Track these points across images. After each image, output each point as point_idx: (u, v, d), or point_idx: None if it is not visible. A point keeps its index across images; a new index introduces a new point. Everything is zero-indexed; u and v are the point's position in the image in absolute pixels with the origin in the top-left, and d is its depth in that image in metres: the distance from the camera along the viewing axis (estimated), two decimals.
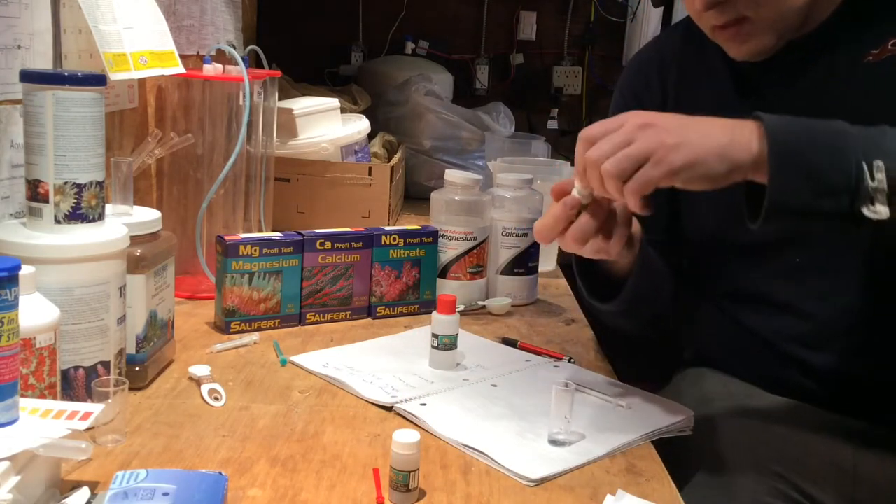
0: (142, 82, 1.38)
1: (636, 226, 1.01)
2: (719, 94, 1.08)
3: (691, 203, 1.14)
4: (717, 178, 0.82)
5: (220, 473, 0.74)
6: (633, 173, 0.82)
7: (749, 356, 1.09)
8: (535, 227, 0.93)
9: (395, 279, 1.30)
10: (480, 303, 1.37)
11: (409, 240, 1.30)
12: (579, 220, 0.91)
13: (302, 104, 1.71)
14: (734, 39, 1.01)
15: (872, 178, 0.78)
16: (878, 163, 0.78)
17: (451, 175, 1.39)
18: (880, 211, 0.78)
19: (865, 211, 0.79)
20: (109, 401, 0.83)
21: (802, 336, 1.03)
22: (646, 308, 1.12)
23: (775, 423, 1.02)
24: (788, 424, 1.01)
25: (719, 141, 0.82)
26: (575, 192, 0.90)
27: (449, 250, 1.36)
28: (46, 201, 0.85)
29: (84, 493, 0.72)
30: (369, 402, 0.98)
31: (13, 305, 0.70)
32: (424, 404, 0.97)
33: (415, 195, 2.10)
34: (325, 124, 1.74)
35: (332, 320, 1.26)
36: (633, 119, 0.85)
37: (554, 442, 0.89)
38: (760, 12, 0.97)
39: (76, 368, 0.86)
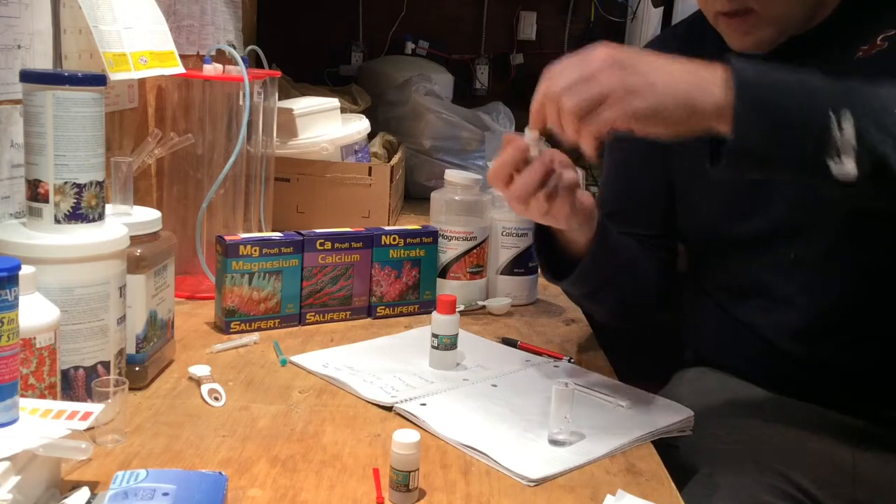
0: (142, 82, 1.38)
1: (588, 198, 1.00)
2: None
3: (688, 198, 1.14)
4: (676, 124, 0.80)
5: (220, 473, 0.74)
6: (590, 111, 0.79)
7: (748, 353, 1.09)
8: (490, 170, 0.94)
9: (395, 279, 1.30)
10: (480, 303, 1.37)
11: (409, 240, 1.30)
12: (522, 173, 0.91)
13: (302, 104, 1.71)
14: (737, 30, 1.00)
15: (840, 129, 0.76)
16: (846, 112, 0.77)
17: (451, 175, 1.39)
18: (847, 168, 0.76)
19: (831, 164, 0.77)
20: (109, 401, 0.83)
21: (800, 331, 1.03)
22: (609, 293, 1.12)
23: (775, 421, 1.02)
24: (788, 423, 1.01)
25: (684, 85, 0.79)
26: (526, 137, 0.90)
27: (449, 250, 1.36)
28: (46, 201, 0.85)
29: (84, 493, 0.72)
30: (369, 402, 0.98)
31: (13, 305, 0.70)
32: (424, 404, 0.97)
33: (415, 195, 2.09)
34: (325, 124, 1.74)
35: (332, 320, 1.26)
36: (599, 54, 0.81)
37: (554, 442, 0.89)
38: (767, 7, 0.97)
39: (76, 368, 0.86)
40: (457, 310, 1.10)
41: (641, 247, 1.15)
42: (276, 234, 1.22)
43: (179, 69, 1.30)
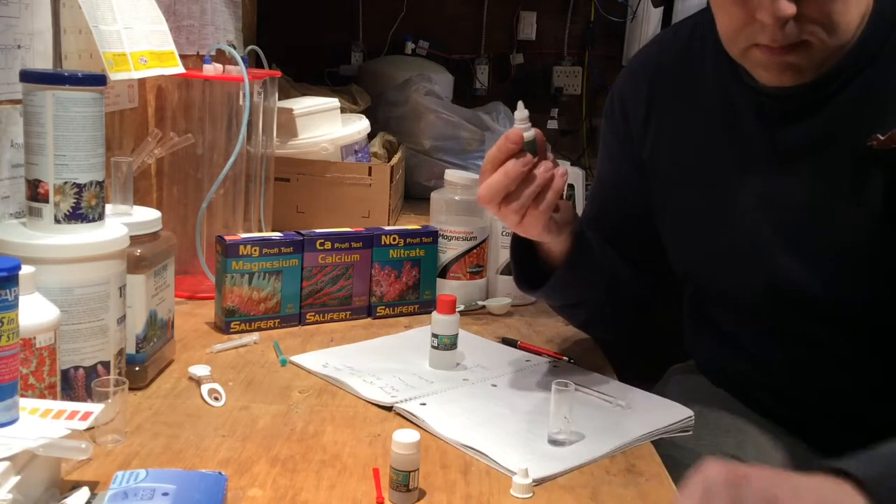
0: (142, 82, 1.38)
1: (565, 210, 0.99)
2: (706, 122, 1.01)
3: (675, 242, 1.11)
4: None
5: (220, 473, 0.74)
6: None
7: (727, 386, 1.09)
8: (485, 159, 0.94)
9: (395, 279, 1.30)
10: (480, 303, 1.36)
11: (409, 240, 1.30)
12: (506, 164, 0.92)
13: (302, 104, 1.71)
14: (780, 63, 0.87)
15: None
16: None
17: (451, 175, 1.39)
18: None
19: None
20: (109, 401, 0.83)
21: (762, 382, 1.02)
22: (582, 308, 1.12)
23: (756, 449, 1.00)
24: (771, 459, 0.99)
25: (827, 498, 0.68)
26: (517, 115, 0.93)
27: (449, 250, 1.36)
28: (46, 201, 0.85)
29: (84, 493, 0.72)
30: (369, 402, 0.98)
31: (13, 305, 0.70)
32: (424, 404, 0.97)
33: (415, 195, 2.09)
34: (325, 124, 1.74)
35: (332, 320, 1.26)
36: (713, 474, 0.67)
37: (554, 442, 0.89)
38: (828, 38, 0.85)
39: (76, 368, 0.86)
40: (457, 310, 1.10)
41: (625, 264, 1.11)
42: (276, 234, 1.22)
43: (179, 69, 1.30)
